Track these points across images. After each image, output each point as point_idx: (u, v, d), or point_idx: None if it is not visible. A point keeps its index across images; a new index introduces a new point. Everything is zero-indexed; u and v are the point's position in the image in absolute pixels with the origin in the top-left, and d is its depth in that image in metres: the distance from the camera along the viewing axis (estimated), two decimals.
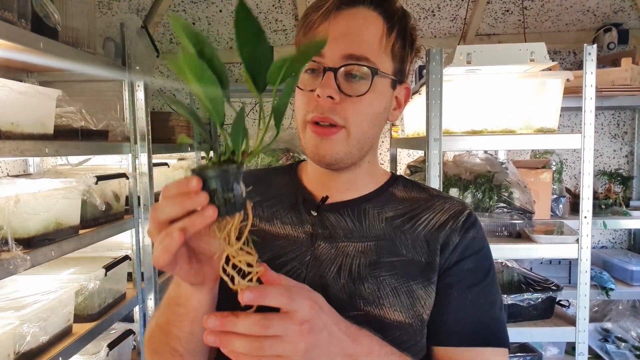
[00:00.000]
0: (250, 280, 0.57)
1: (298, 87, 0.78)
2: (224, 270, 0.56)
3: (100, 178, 1.74)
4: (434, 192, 0.88)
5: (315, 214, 0.83)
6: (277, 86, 0.56)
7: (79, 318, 1.71)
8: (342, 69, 0.75)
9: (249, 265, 0.57)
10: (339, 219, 0.82)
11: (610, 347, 2.64)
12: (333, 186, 0.85)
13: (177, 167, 2.69)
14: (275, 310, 0.58)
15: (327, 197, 0.84)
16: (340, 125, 0.76)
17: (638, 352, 2.58)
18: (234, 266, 0.57)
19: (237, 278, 0.56)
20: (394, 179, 0.90)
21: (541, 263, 2.63)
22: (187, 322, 0.69)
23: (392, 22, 0.79)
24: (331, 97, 0.74)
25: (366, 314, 0.74)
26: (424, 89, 1.83)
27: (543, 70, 1.84)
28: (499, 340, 0.79)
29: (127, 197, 2.06)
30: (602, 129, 3.07)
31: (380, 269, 0.76)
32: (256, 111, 3.07)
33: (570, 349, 2.28)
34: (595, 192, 2.60)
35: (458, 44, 2.98)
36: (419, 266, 0.77)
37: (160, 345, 0.73)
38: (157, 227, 0.57)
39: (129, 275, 2.09)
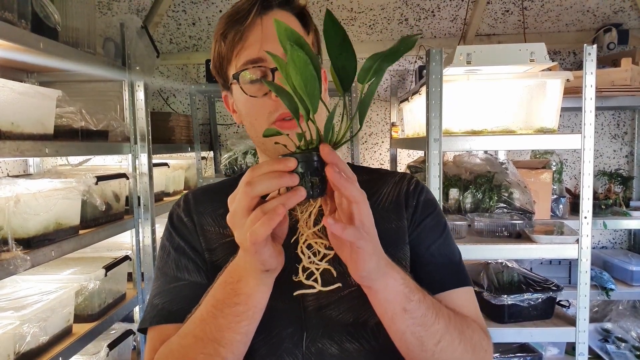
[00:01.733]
0: (321, 260, 0.62)
1: (250, 95, 0.79)
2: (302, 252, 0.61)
3: (100, 178, 1.74)
4: (382, 172, 0.95)
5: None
6: (366, 84, 0.63)
7: (79, 318, 1.71)
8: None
9: (324, 246, 0.62)
10: None
11: (610, 347, 2.64)
12: None
13: (177, 167, 2.69)
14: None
15: None
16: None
17: (638, 353, 2.58)
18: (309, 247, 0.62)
19: (313, 259, 0.62)
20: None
21: (541, 263, 2.63)
22: (246, 321, 0.69)
23: (304, 20, 0.85)
24: None
25: (358, 287, 0.74)
26: (424, 89, 1.83)
27: (543, 70, 1.84)
28: (466, 280, 0.86)
29: (127, 197, 2.06)
30: (602, 129, 3.07)
31: None
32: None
33: (570, 349, 2.28)
34: (595, 193, 2.60)
35: (458, 44, 2.98)
36: (390, 233, 0.84)
37: (204, 358, 0.71)
38: (249, 202, 0.60)
39: (129, 275, 2.09)
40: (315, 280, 0.62)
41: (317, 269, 0.62)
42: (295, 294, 0.67)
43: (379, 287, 0.67)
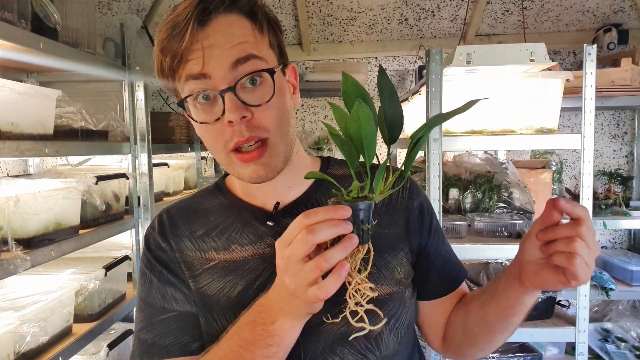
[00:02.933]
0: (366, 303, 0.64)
1: (198, 122, 0.73)
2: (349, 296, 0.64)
3: (100, 178, 1.74)
4: (375, 167, 0.88)
5: (272, 223, 0.80)
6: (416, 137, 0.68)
7: (79, 318, 1.71)
8: (239, 83, 0.70)
9: (371, 289, 0.64)
10: None
11: (610, 347, 2.64)
12: (274, 192, 0.81)
13: (176, 167, 2.69)
14: None
15: (278, 204, 0.81)
16: (264, 138, 0.72)
17: (638, 352, 2.58)
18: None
19: (361, 301, 0.64)
20: (326, 160, 0.90)
21: None
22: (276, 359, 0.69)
23: (256, 16, 0.74)
24: (244, 117, 0.70)
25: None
26: (424, 89, 1.83)
27: (543, 70, 1.84)
28: (464, 273, 0.92)
29: (127, 197, 2.06)
30: (602, 129, 3.07)
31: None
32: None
33: (570, 349, 2.28)
34: (595, 192, 2.60)
35: (458, 44, 2.98)
36: (387, 238, 0.82)
37: None
38: (308, 249, 0.59)
39: (129, 275, 2.09)
40: (362, 320, 0.64)
41: (363, 310, 0.64)
42: (350, 338, 0.73)
43: (537, 293, 0.73)
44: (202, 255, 0.81)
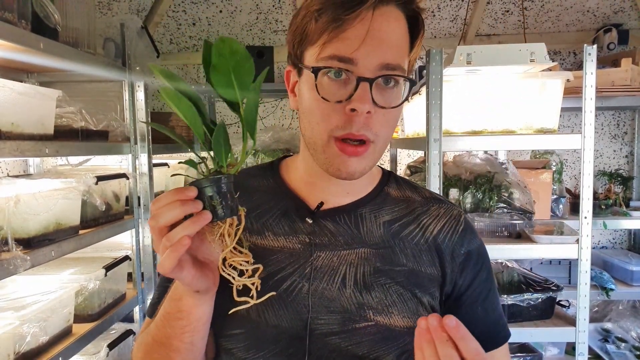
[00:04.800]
0: (250, 276, 0.64)
1: (320, 96, 0.68)
2: (224, 270, 0.63)
3: (100, 178, 1.74)
4: (426, 194, 0.86)
5: (310, 221, 0.78)
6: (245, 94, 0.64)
7: (79, 318, 1.71)
8: (379, 79, 0.68)
9: (247, 262, 0.64)
10: (337, 225, 0.78)
11: (610, 347, 2.64)
12: (333, 191, 0.80)
13: (177, 167, 2.68)
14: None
15: (322, 203, 0.79)
16: (371, 141, 0.70)
17: (638, 353, 2.58)
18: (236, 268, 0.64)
19: (235, 276, 0.63)
20: (387, 175, 0.87)
21: (541, 263, 2.63)
22: (189, 333, 0.71)
23: (416, 25, 0.72)
24: (369, 112, 0.67)
25: (376, 324, 0.73)
26: (424, 89, 1.83)
27: (543, 70, 1.84)
28: (505, 337, 0.83)
29: (127, 197, 2.06)
30: (602, 129, 3.07)
31: (385, 276, 0.75)
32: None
33: (570, 349, 2.28)
34: (595, 193, 2.59)
35: (458, 45, 2.98)
36: (420, 276, 0.77)
37: (159, 358, 0.74)
38: (159, 233, 0.61)
39: (129, 275, 2.09)
40: (252, 296, 0.64)
41: (253, 284, 0.64)
42: (230, 312, 0.70)
43: None
44: None
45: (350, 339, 0.73)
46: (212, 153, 0.64)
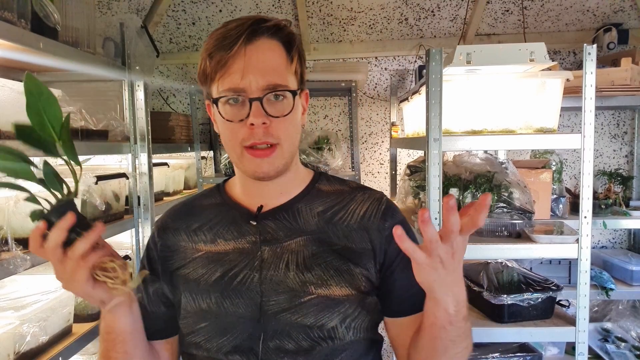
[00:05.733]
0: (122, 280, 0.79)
1: (225, 119, 0.86)
2: (99, 276, 0.77)
3: (100, 178, 1.74)
4: (353, 185, 1.02)
5: (254, 223, 0.93)
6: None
7: (79, 318, 1.71)
8: (266, 97, 0.85)
9: (110, 261, 0.77)
10: (277, 222, 0.93)
11: (610, 347, 2.64)
12: (267, 194, 0.95)
13: (176, 167, 2.69)
14: None
15: (262, 207, 0.95)
16: (275, 144, 0.87)
17: (638, 352, 2.58)
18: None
19: (107, 278, 0.77)
20: (318, 175, 1.03)
21: (541, 263, 2.63)
22: (120, 344, 0.86)
23: (291, 48, 0.89)
24: (264, 123, 0.84)
25: (318, 296, 0.87)
26: (423, 89, 1.83)
27: (543, 70, 1.84)
28: None
29: (127, 197, 2.06)
30: (602, 129, 3.07)
31: (322, 256, 0.90)
32: None
33: (570, 349, 2.28)
34: (595, 192, 2.59)
35: (458, 44, 2.98)
36: (353, 252, 0.91)
37: None
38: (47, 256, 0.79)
39: (129, 275, 2.09)
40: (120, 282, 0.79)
41: (124, 281, 0.78)
42: (108, 308, 0.83)
43: (441, 300, 0.77)
44: (193, 246, 0.96)
45: (297, 312, 0.86)
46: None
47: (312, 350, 0.86)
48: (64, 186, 0.77)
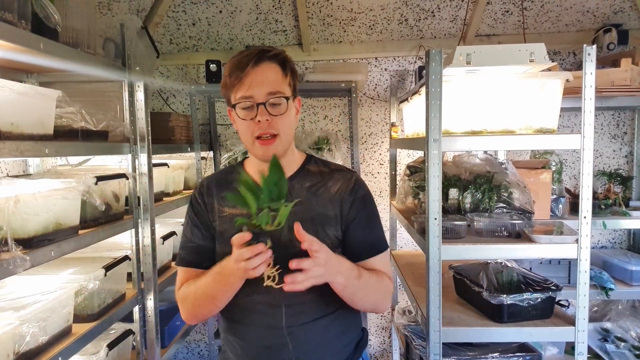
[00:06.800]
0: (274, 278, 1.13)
1: (241, 118, 1.26)
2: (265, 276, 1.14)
3: (100, 178, 1.75)
4: (333, 167, 1.40)
5: None
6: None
7: (78, 318, 1.71)
8: (269, 101, 1.24)
9: (273, 272, 1.13)
10: None
11: (609, 346, 2.64)
12: None
13: (176, 167, 2.69)
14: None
15: None
16: (276, 134, 1.26)
17: (637, 352, 2.58)
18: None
19: (271, 278, 1.13)
20: (308, 158, 1.42)
21: (541, 263, 2.63)
22: (230, 292, 1.24)
23: (285, 68, 1.29)
24: (267, 120, 1.24)
25: (300, 250, 1.14)
26: (423, 90, 1.84)
27: (543, 70, 1.84)
28: (382, 248, 1.36)
29: (127, 198, 2.06)
30: (602, 129, 3.07)
31: (306, 220, 1.23)
32: None
33: (570, 348, 2.28)
34: (594, 192, 2.60)
35: (458, 45, 2.98)
36: (327, 217, 1.31)
37: (206, 302, 1.28)
38: (244, 271, 1.12)
39: (129, 275, 2.09)
40: (274, 282, 1.13)
41: (272, 278, 1.13)
42: (265, 284, 1.13)
43: (332, 281, 1.19)
44: (220, 208, 1.35)
45: (291, 255, 1.14)
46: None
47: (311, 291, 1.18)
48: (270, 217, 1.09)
